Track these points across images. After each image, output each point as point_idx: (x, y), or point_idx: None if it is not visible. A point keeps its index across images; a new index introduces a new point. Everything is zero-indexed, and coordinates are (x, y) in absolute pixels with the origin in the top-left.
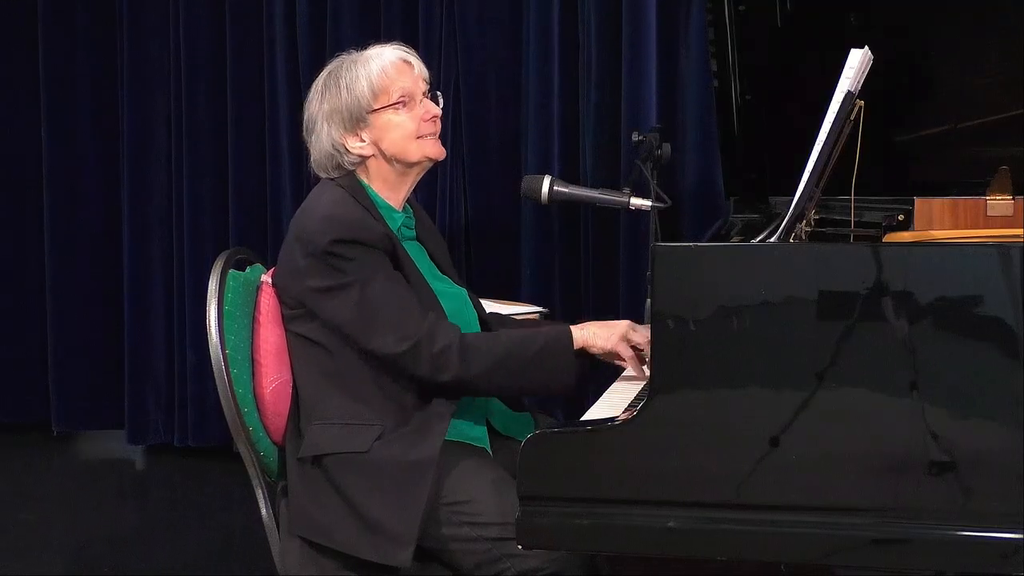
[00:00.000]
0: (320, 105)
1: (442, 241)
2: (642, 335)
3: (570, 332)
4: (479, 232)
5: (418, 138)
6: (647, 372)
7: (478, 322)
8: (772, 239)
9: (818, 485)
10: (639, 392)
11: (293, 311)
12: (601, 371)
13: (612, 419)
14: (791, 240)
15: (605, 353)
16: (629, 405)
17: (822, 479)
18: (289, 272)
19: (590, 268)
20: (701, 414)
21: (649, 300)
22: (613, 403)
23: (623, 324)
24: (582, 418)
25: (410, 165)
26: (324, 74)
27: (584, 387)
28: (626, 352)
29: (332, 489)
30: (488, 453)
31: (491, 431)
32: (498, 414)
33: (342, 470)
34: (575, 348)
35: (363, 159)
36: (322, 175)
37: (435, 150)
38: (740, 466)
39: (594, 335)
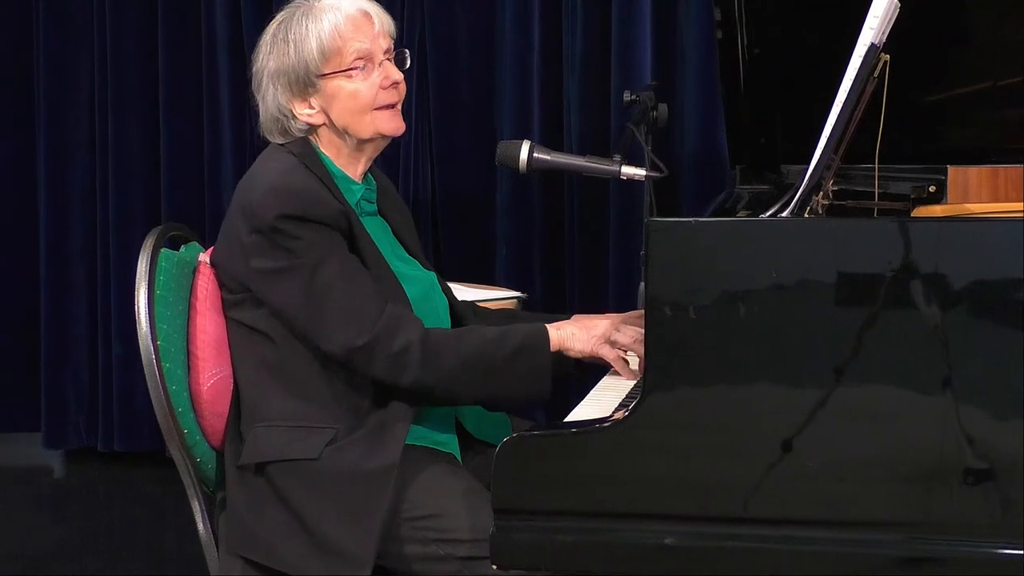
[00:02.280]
0: (266, 61)
1: (408, 217)
2: (627, 335)
3: (546, 331)
4: (448, 207)
5: (374, 109)
6: (637, 372)
7: (448, 311)
8: (784, 214)
9: (837, 497)
10: (632, 389)
11: (235, 296)
12: (589, 367)
13: (601, 420)
14: (806, 215)
15: (584, 356)
16: (620, 404)
17: (841, 490)
18: (231, 250)
19: (575, 247)
20: (703, 415)
21: (643, 284)
22: (602, 402)
23: (605, 323)
24: (566, 419)
25: (362, 140)
26: (274, 25)
27: (565, 389)
28: (609, 354)
29: (277, 501)
30: (457, 460)
31: (461, 434)
32: (469, 415)
33: (288, 479)
34: (552, 349)
35: (312, 127)
36: (270, 139)
37: (390, 125)
38: (748, 475)
39: (572, 336)
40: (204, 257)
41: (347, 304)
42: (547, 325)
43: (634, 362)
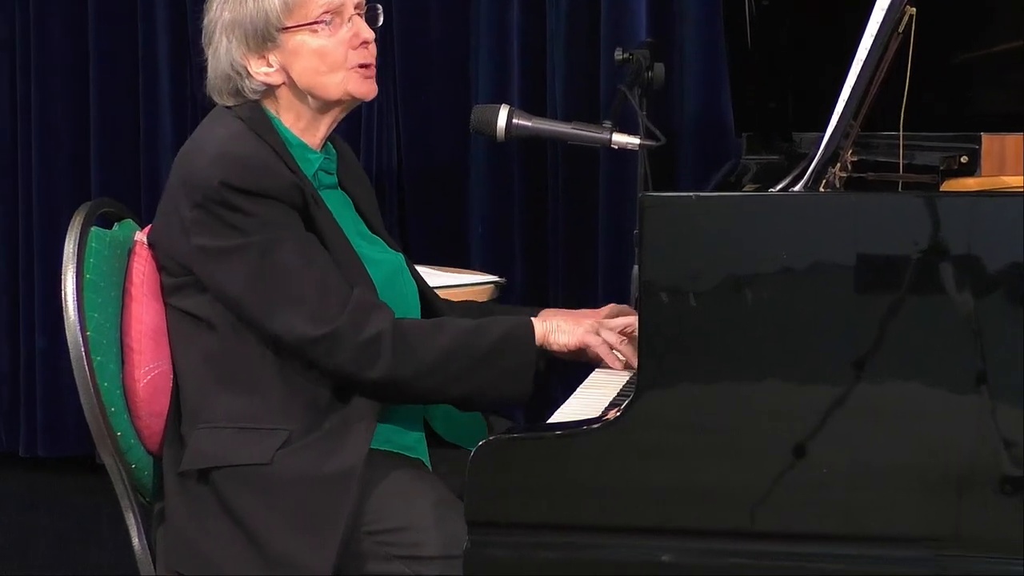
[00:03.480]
0: (220, 11)
1: (371, 190)
2: (612, 332)
3: (531, 323)
4: (416, 181)
5: (345, 69)
6: (629, 365)
7: (417, 297)
8: (797, 187)
9: (856, 508)
10: (624, 387)
11: (176, 280)
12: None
13: (589, 421)
14: (821, 189)
15: (568, 351)
16: (611, 403)
17: (861, 500)
18: (171, 228)
19: (560, 225)
20: (705, 415)
21: (637, 267)
22: (590, 400)
23: (589, 323)
24: (550, 419)
25: (328, 103)
26: None
27: (549, 386)
28: (596, 342)
29: (222, 512)
30: (426, 465)
31: (430, 437)
32: (439, 415)
33: (235, 487)
34: (536, 343)
35: (269, 87)
36: (217, 100)
37: (362, 87)
38: (755, 483)
39: (556, 328)
40: (141, 236)
41: (307, 289)
42: (531, 317)
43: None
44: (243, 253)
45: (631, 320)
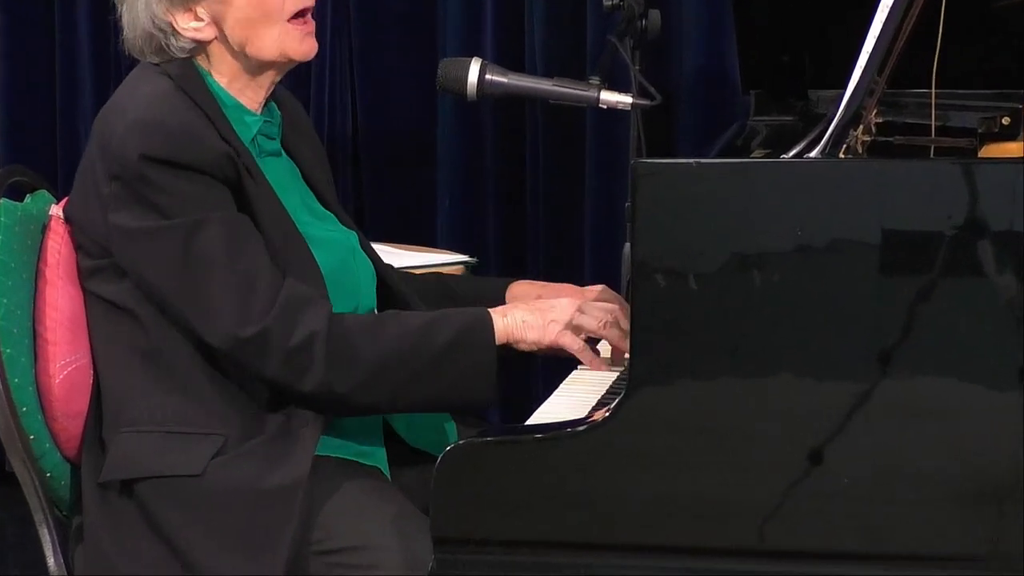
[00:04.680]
0: None
1: (323, 155)
2: (593, 316)
3: (489, 318)
4: (374, 146)
5: (283, 21)
6: (613, 361)
7: (374, 282)
8: (813, 153)
9: (880, 523)
10: (614, 383)
11: (95, 261)
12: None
13: (573, 423)
14: (841, 155)
15: (541, 349)
16: (599, 402)
17: (887, 514)
18: (88, 201)
19: (540, 196)
20: (706, 416)
21: (628, 245)
22: (574, 399)
23: (564, 304)
24: (528, 421)
25: (262, 64)
26: None
27: (527, 382)
28: (573, 344)
29: (149, 530)
30: (384, 475)
31: (390, 441)
32: (400, 417)
33: (163, 501)
34: (498, 343)
35: (199, 44)
36: (140, 59)
37: (300, 46)
38: (764, 495)
39: (523, 324)
40: (56, 210)
41: (231, 282)
42: (491, 311)
43: (606, 350)
44: (162, 238)
45: (613, 307)
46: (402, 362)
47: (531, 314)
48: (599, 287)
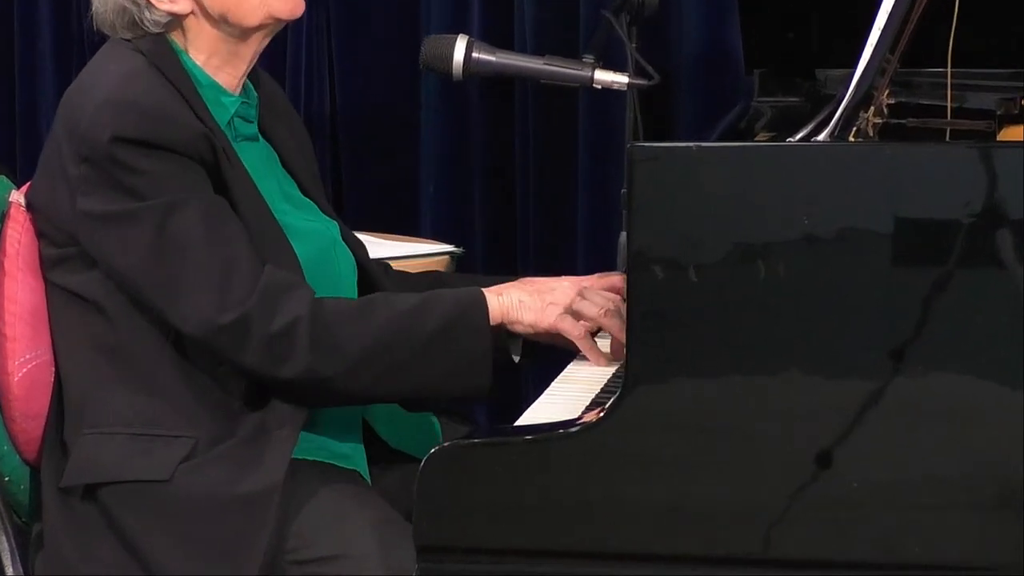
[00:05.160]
0: None
1: (306, 139)
2: (595, 302)
3: (483, 298)
4: (353, 129)
5: None
6: (612, 356)
7: (355, 274)
8: (821, 136)
9: (891, 530)
10: (609, 381)
11: (59, 250)
12: (548, 353)
13: (566, 424)
14: (851, 138)
15: (537, 333)
16: (593, 401)
17: (900, 520)
18: (55, 187)
19: (530, 181)
20: (708, 417)
21: (624, 234)
22: (567, 398)
23: (564, 287)
24: (517, 422)
25: (248, 29)
26: None
27: (516, 380)
28: (573, 330)
29: (113, 538)
30: (364, 478)
31: (370, 443)
32: (381, 416)
33: (129, 509)
34: (492, 324)
35: (175, 17)
36: (110, 35)
37: (286, 4)
38: (769, 499)
39: (519, 304)
40: (17, 197)
41: (209, 266)
42: (484, 289)
43: (605, 344)
44: (136, 221)
45: (618, 287)
46: (391, 346)
47: (529, 295)
48: (607, 275)
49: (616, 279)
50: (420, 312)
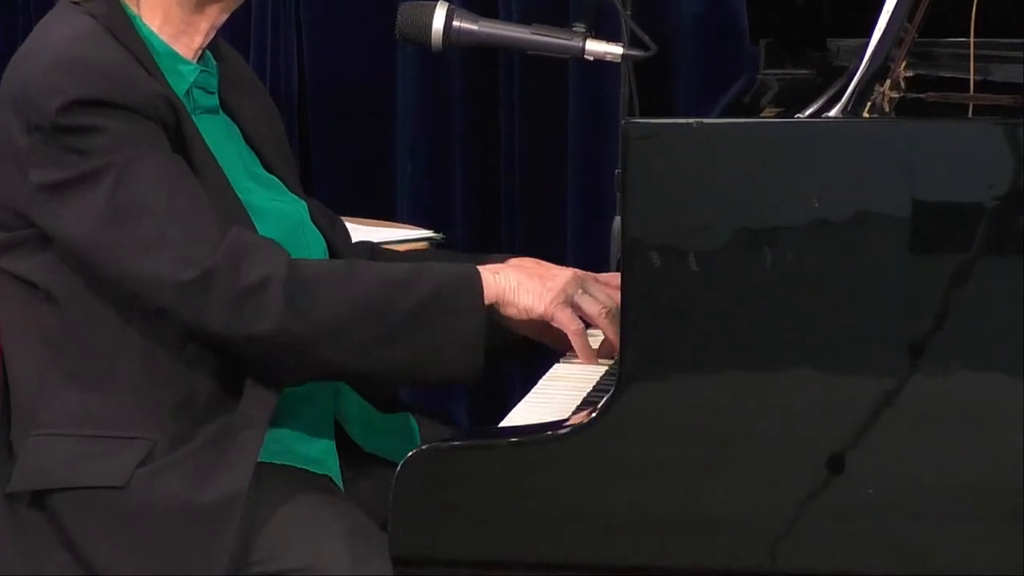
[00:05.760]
0: None
1: (272, 112)
2: (598, 298)
3: (478, 276)
4: (322, 103)
5: None
6: (608, 350)
7: (325, 254)
8: (832, 112)
9: (909, 540)
10: (601, 379)
11: (8, 234)
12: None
13: (555, 425)
14: (865, 114)
15: (530, 319)
16: (584, 402)
17: (919, 531)
18: (1, 163)
19: (516, 161)
20: (708, 419)
21: (619, 219)
22: (556, 397)
23: (567, 275)
24: (502, 423)
25: (203, 0)
26: None
27: (500, 377)
28: (569, 323)
29: (63, 549)
30: (336, 484)
31: (342, 446)
32: (355, 416)
33: (81, 517)
34: (486, 302)
35: None
36: None
37: None
38: (776, 509)
39: (517, 287)
40: None
41: (167, 224)
42: (480, 268)
43: (596, 341)
44: (90, 184)
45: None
46: (375, 313)
47: (528, 278)
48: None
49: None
50: (410, 281)
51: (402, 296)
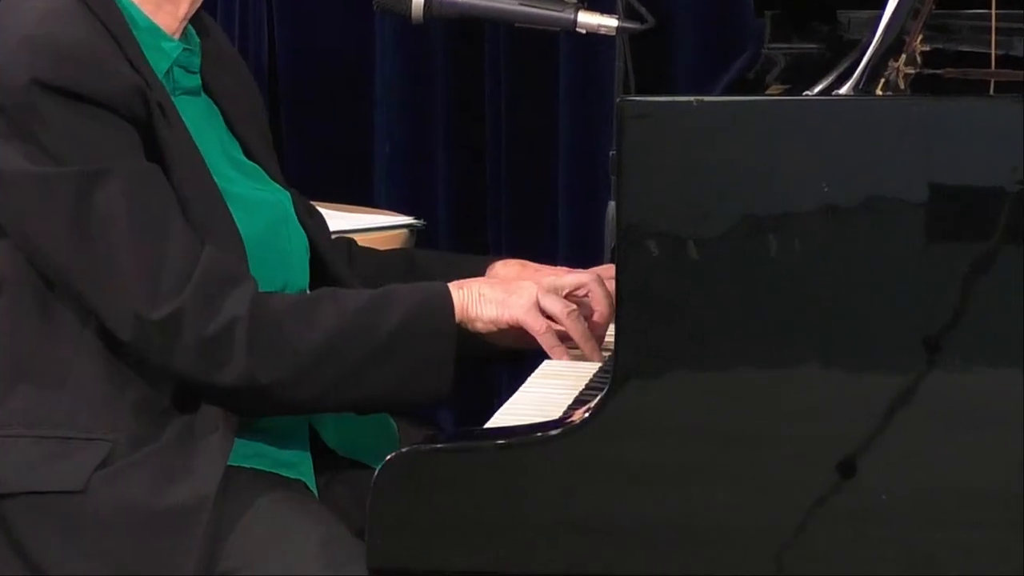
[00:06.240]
0: None
1: (255, 96)
2: (556, 298)
3: (448, 295)
4: (296, 81)
5: None
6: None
7: (307, 254)
8: (843, 89)
9: (926, 549)
10: (595, 376)
11: None
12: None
13: (545, 426)
14: (879, 91)
15: (500, 330)
16: (577, 400)
17: (937, 539)
18: None
19: (503, 143)
20: (710, 419)
21: (613, 204)
22: (547, 395)
23: (528, 284)
24: (489, 423)
25: None
26: None
27: (488, 376)
28: (533, 323)
29: (16, 557)
30: (310, 490)
31: (317, 450)
32: (329, 418)
33: (35, 523)
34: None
35: None
36: None
37: None
38: (784, 515)
39: (480, 298)
40: None
41: (137, 250)
42: (449, 284)
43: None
44: (54, 190)
45: (583, 279)
46: (341, 350)
47: (491, 288)
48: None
49: (582, 276)
50: (375, 311)
51: (370, 328)
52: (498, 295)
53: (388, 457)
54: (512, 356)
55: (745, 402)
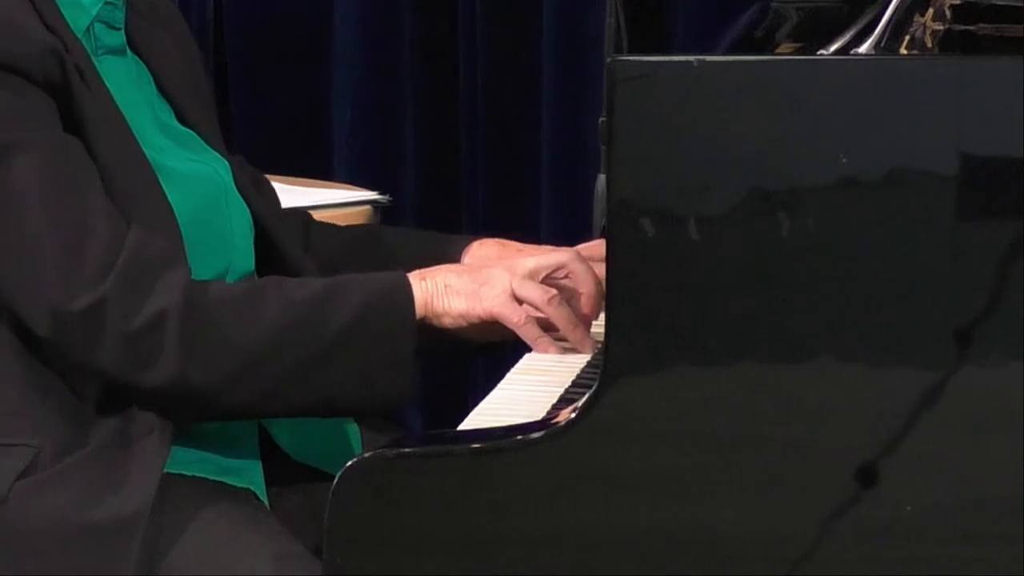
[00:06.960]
0: None
1: (192, 50)
2: (533, 284)
3: (408, 286)
4: (244, 39)
5: None
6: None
7: (250, 232)
8: (863, 48)
9: (955, 563)
10: (582, 372)
11: None
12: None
13: (525, 428)
14: (903, 50)
15: (471, 324)
16: (562, 398)
17: (965, 553)
18: None
19: (479, 109)
20: (710, 420)
21: (602, 177)
22: (528, 393)
23: (500, 270)
24: (462, 425)
25: None
26: None
27: (463, 372)
28: (510, 314)
29: None
30: (261, 500)
31: (269, 455)
32: (284, 422)
33: None
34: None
35: None
36: None
37: None
38: (795, 525)
39: (445, 289)
40: None
41: (53, 233)
42: (409, 275)
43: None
44: None
45: (562, 259)
46: (285, 348)
47: (458, 277)
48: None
49: (560, 256)
50: (323, 304)
51: (319, 324)
52: (467, 286)
53: (349, 463)
54: (488, 349)
55: (749, 402)
